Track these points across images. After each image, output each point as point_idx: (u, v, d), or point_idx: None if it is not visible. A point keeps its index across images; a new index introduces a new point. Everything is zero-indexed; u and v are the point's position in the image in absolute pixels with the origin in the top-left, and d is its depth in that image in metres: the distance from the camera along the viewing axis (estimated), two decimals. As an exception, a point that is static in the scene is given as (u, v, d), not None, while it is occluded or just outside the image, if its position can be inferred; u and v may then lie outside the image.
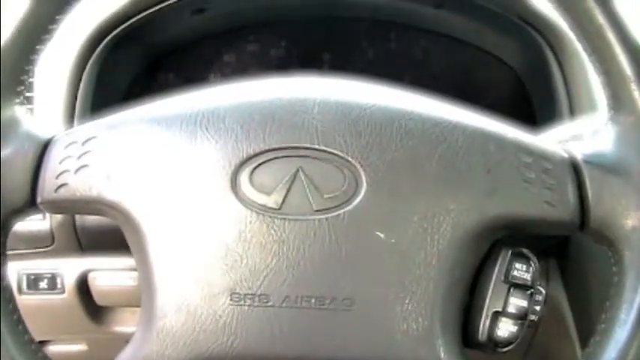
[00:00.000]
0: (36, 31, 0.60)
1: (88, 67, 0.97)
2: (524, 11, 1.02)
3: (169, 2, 1.00)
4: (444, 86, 1.10)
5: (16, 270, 0.96)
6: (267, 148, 0.59)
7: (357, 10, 1.12)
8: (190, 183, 0.59)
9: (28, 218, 0.64)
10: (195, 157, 0.60)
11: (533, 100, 1.10)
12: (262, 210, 0.58)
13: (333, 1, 1.11)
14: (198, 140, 0.60)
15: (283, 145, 0.59)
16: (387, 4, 1.10)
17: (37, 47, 0.60)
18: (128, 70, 1.09)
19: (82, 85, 0.96)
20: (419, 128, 0.60)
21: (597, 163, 0.60)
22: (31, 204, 0.61)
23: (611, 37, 0.57)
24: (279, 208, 0.58)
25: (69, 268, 0.97)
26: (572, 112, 0.98)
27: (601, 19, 0.57)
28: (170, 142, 0.60)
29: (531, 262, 0.62)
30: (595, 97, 0.94)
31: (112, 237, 0.68)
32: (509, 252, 0.62)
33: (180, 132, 0.60)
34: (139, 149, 0.61)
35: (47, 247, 0.94)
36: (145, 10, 1.00)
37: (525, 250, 0.62)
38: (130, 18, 1.00)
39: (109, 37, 0.98)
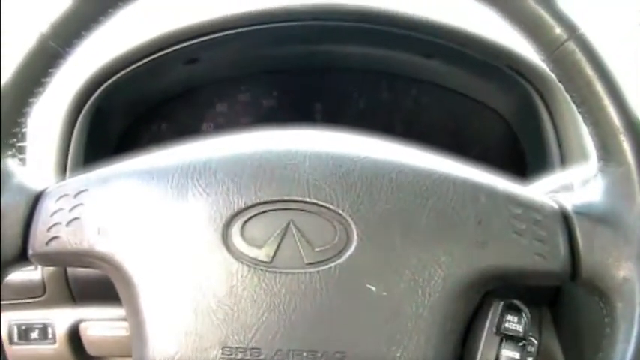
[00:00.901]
0: (30, 84, 0.60)
1: (80, 117, 0.97)
2: (514, 60, 1.03)
3: (162, 53, 1.02)
4: (436, 135, 1.13)
5: (7, 320, 0.96)
6: (258, 201, 0.59)
7: (347, 61, 1.14)
8: (182, 236, 0.59)
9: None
10: (187, 210, 0.59)
11: (524, 148, 1.10)
12: (253, 263, 0.58)
13: (324, 52, 1.12)
14: (189, 193, 0.60)
15: (274, 199, 0.59)
16: (377, 54, 1.11)
17: (31, 100, 0.61)
18: (121, 119, 1.10)
19: (74, 136, 0.96)
20: (409, 181, 0.60)
21: (587, 214, 0.59)
22: (22, 256, 0.61)
23: (599, 88, 0.57)
24: (271, 261, 0.58)
25: (60, 318, 0.96)
26: (563, 160, 0.98)
27: (589, 70, 0.57)
28: (162, 195, 0.60)
29: (523, 314, 0.61)
30: (586, 146, 0.95)
31: (104, 287, 0.67)
32: (501, 303, 0.61)
33: (171, 185, 0.60)
34: (130, 202, 0.61)
35: (39, 297, 0.93)
36: (139, 61, 1.01)
37: (517, 302, 0.61)
38: (123, 69, 1.00)
39: (101, 88, 0.99)
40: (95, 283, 0.86)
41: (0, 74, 0.60)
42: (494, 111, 1.13)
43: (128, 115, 1.11)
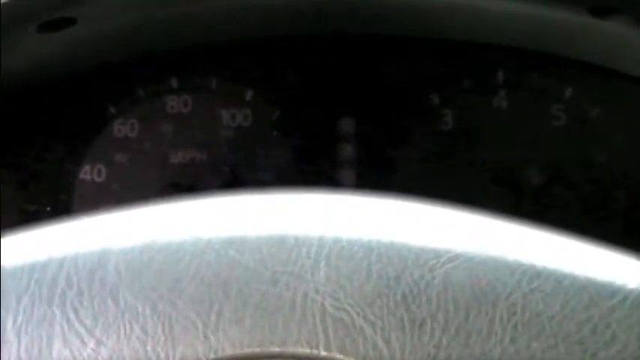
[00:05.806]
0: None
1: None
2: None
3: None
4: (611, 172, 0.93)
5: None
6: (215, 356, 0.52)
7: (413, 29, 0.94)
8: None
9: None
10: None
11: None
12: None
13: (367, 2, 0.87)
14: (56, 340, 0.51)
15: (253, 351, 0.52)
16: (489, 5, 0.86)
17: None
18: None
19: None
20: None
21: None
22: None
23: None
24: None
25: None
26: None
27: None
28: None
29: None
30: None
31: None
32: None
33: (15, 321, 0.52)
34: None
35: None
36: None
37: None
38: None
39: None
40: None
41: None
42: None
43: None
